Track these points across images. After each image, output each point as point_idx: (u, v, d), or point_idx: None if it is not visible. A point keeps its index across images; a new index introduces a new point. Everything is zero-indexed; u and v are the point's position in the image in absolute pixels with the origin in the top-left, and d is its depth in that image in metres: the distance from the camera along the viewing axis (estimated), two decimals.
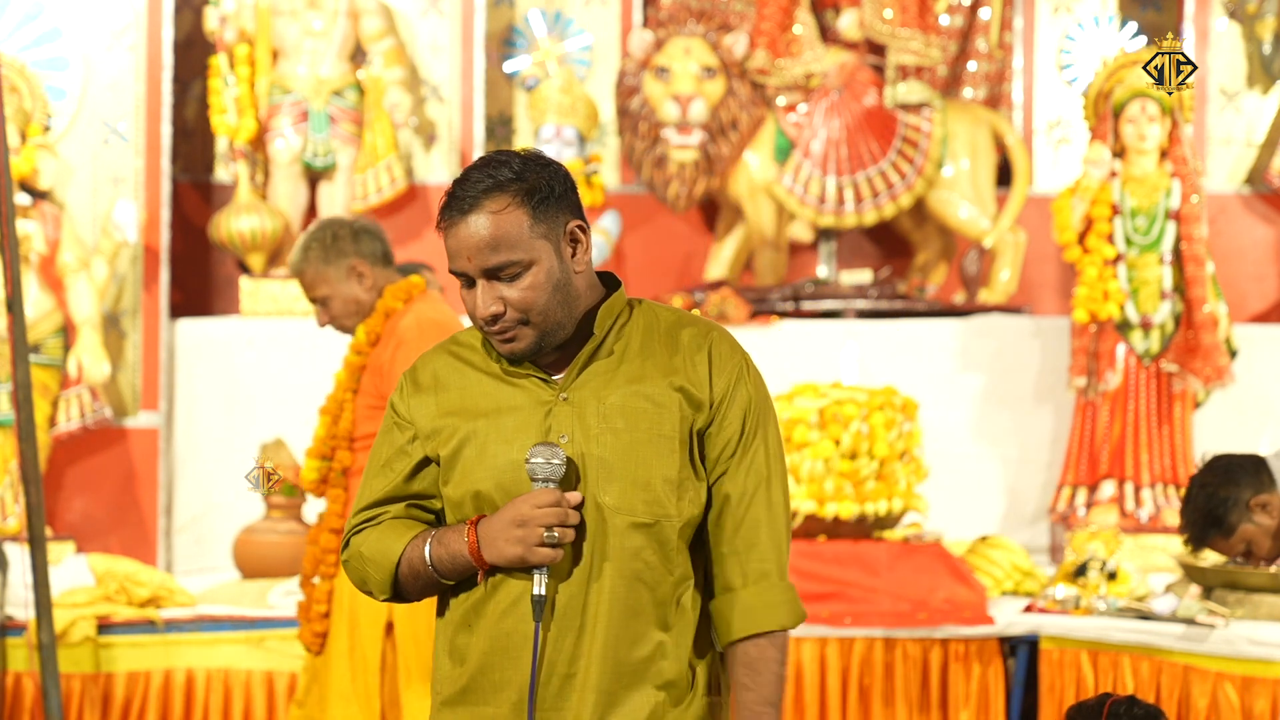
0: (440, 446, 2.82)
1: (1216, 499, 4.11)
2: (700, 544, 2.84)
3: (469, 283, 2.78)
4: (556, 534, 2.70)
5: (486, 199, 2.74)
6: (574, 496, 2.74)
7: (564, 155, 7.35)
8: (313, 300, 4.90)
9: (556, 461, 2.72)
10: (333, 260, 4.84)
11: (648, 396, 2.79)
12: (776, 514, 2.84)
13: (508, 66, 8.05)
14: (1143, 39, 8.03)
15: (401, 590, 2.85)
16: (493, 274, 2.75)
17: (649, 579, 2.76)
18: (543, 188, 2.76)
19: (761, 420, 2.85)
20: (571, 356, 2.82)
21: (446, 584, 2.81)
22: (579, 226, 2.80)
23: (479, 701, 2.78)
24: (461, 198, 2.76)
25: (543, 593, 2.71)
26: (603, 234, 7.36)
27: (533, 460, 2.72)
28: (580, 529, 2.75)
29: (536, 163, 2.79)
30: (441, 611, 2.86)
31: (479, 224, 2.74)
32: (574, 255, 2.80)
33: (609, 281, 2.89)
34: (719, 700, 2.84)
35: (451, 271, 2.78)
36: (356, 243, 4.88)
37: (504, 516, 2.73)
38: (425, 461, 2.85)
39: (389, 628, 4.80)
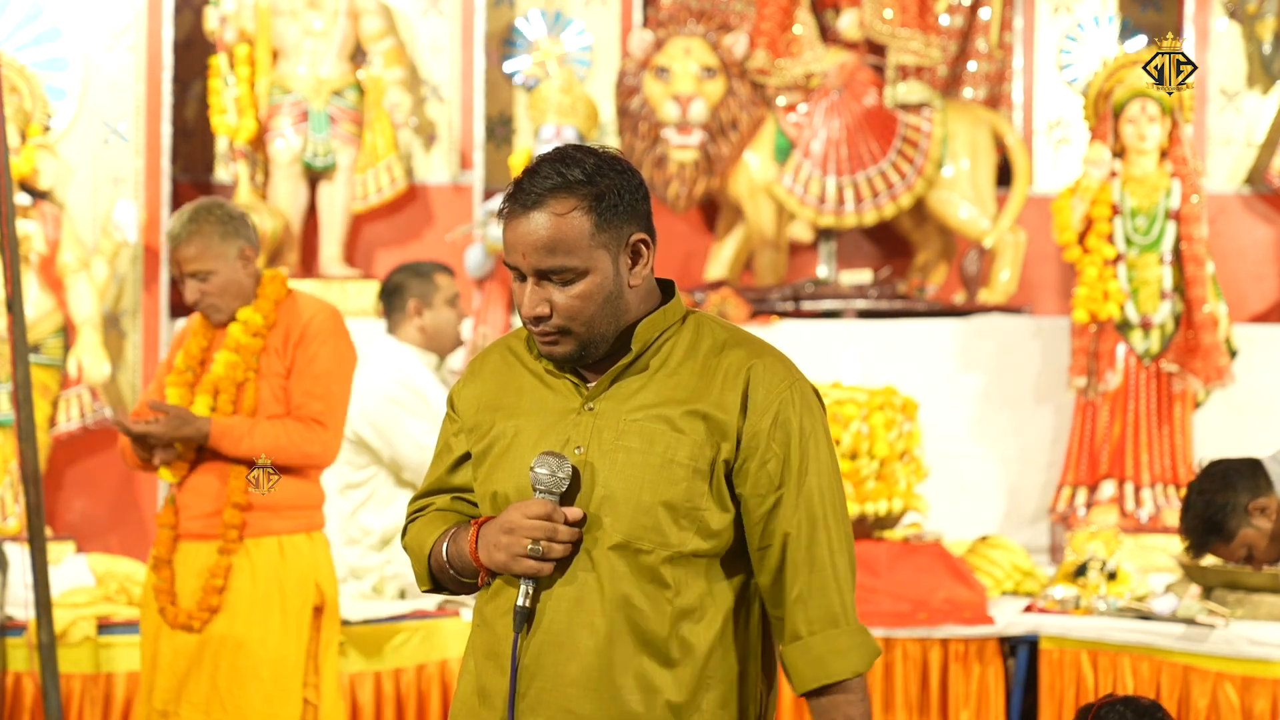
0: (475, 443, 2.79)
1: (1215, 505, 4.10)
2: (741, 580, 2.75)
3: (520, 277, 2.70)
4: (541, 547, 2.63)
5: (552, 198, 2.65)
6: (573, 513, 2.66)
7: None
8: (192, 274, 4.83)
9: (561, 475, 2.65)
10: (229, 238, 4.82)
11: (668, 419, 2.69)
12: (838, 553, 2.74)
13: (508, 67, 8.05)
14: (1143, 39, 8.03)
15: (438, 583, 2.85)
16: (544, 275, 2.67)
17: (638, 606, 2.67)
18: (611, 195, 2.66)
19: (812, 453, 2.73)
20: (612, 364, 2.74)
21: (468, 581, 2.79)
22: (643, 240, 2.70)
23: (482, 704, 2.75)
24: (528, 191, 2.66)
25: (525, 604, 2.65)
26: None
27: (537, 470, 2.66)
28: (577, 545, 2.67)
29: (612, 168, 2.69)
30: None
31: (540, 223, 2.65)
32: (632, 268, 2.70)
33: (667, 289, 2.80)
34: None
35: (505, 262, 2.72)
36: (247, 227, 4.89)
37: (498, 521, 2.68)
38: (467, 455, 2.82)
39: (317, 611, 4.91)
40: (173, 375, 4.93)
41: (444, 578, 2.83)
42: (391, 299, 6.08)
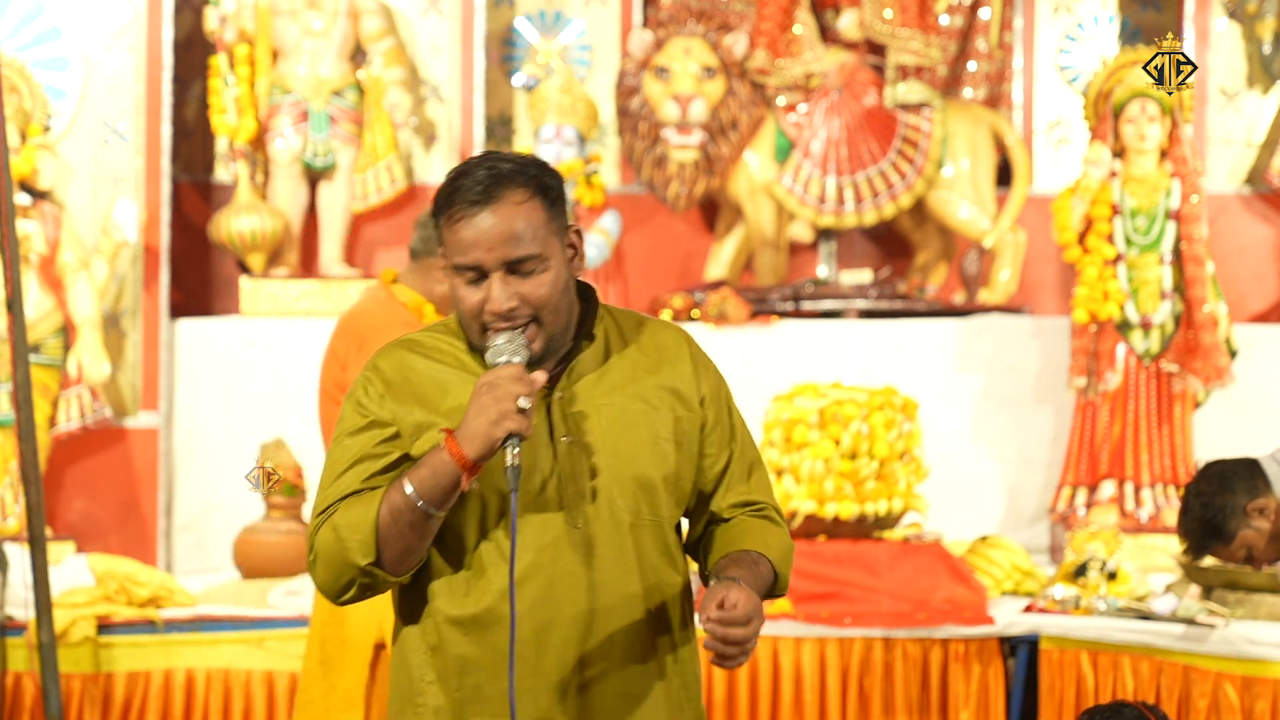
0: (427, 445, 2.71)
1: (1213, 507, 4.09)
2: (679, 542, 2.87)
3: (478, 278, 2.66)
4: (527, 402, 2.59)
5: (505, 190, 2.65)
6: (540, 377, 2.65)
7: (564, 155, 7.34)
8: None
9: (519, 343, 2.65)
10: None
11: (643, 399, 2.77)
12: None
13: (516, 81, 8.05)
14: (1143, 39, 8.02)
15: (382, 544, 2.67)
16: (512, 268, 2.66)
17: (655, 580, 2.75)
18: (553, 186, 2.71)
19: (734, 404, 2.91)
20: (561, 360, 2.75)
21: (434, 517, 2.66)
22: (576, 231, 2.76)
23: (473, 713, 2.72)
24: (472, 190, 2.64)
25: (517, 463, 2.61)
26: (603, 234, 7.35)
27: (497, 342, 2.65)
28: (590, 530, 2.70)
29: (534, 162, 2.73)
30: (414, 618, 2.77)
31: (502, 214, 2.64)
32: (571, 260, 2.74)
33: (581, 289, 2.83)
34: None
35: (458, 266, 2.66)
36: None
37: (475, 394, 2.62)
38: (404, 458, 2.73)
39: (378, 648, 4.80)
40: None
41: (394, 533, 2.65)
42: None
